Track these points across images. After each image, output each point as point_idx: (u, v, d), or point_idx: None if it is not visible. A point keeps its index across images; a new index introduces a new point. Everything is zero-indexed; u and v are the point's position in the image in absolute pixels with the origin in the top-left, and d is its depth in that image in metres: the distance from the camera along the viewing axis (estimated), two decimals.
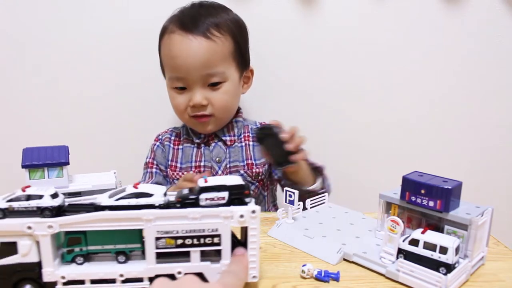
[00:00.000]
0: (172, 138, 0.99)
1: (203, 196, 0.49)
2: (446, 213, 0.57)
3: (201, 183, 0.50)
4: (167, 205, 0.50)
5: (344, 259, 0.61)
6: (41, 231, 0.47)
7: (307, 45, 1.09)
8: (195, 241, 0.50)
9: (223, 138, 0.95)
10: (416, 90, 1.13)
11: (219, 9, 0.92)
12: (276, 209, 0.99)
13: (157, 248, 0.49)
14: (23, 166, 0.58)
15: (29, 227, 0.47)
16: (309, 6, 1.07)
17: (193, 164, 0.95)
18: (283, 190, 0.71)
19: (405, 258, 0.55)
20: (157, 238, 0.49)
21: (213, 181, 0.50)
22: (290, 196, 0.70)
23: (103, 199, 0.50)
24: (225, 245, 0.50)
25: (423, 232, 0.55)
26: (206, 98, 0.88)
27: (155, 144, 1.00)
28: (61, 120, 1.11)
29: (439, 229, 0.58)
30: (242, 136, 0.97)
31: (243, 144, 0.96)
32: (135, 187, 0.50)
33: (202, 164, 0.94)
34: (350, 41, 1.09)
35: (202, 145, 0.95)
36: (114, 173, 0.66)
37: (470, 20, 1.08)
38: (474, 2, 1.07)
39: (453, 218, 0.56)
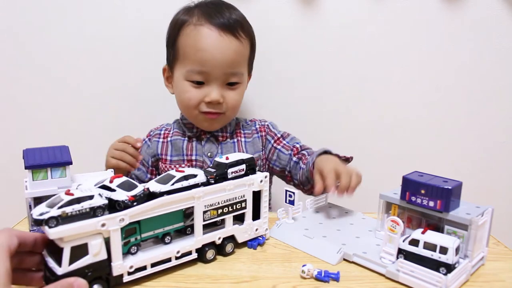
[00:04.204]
0: (162, 133, 0.98)
1: (230, 170, 0.60)
2: (446, 213, 0.57)
3: (223, 160, 0.60)
4: (207, 182, 0.58)
5: (344, 259, 0.61)
6: (113, 226, 0.48)
7: (306, 45, 1.09)
8: (230, 209, 0.61)
9: (215, 133, 0.95)
10: (416, 90, 1.13)
11: (234, 10, 0.92)
12: (270, 209, 0.99)
13: (204, 220, 0.58)
14: (26, 167, 0.58)
15: (103, 224, 0.47)
16: (309, 6, 1.07)
17: (185, 157, 0.94)
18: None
19: (405, 258, 0.55)
20: (204, 212, 0.57)
21: (232, 157, 0.61)
22: (290, 196, 0.69)
23: (157, 187, 0.53)
24: (249, 207, 0.63)
25: (423, 232, 0.55)
26: (222, 96, 0.89)
27: (144, 140, 0.99)
28: (59, 120, 1.11)
29: (439, 229, 0.58)
30: (234, 132, 0.98)
31: (235, 140, 0.97)
32: (180, 171, 0.56)
33: (193, 158, 0.94)
34: (350, 41, 1.09)
35: (194, 139, 0.95)
36: (112, 171, 0.66)
37: (470, 20, 1.08)
38: (474, 2, 1.07)
39: (453, 218, 0.56)
